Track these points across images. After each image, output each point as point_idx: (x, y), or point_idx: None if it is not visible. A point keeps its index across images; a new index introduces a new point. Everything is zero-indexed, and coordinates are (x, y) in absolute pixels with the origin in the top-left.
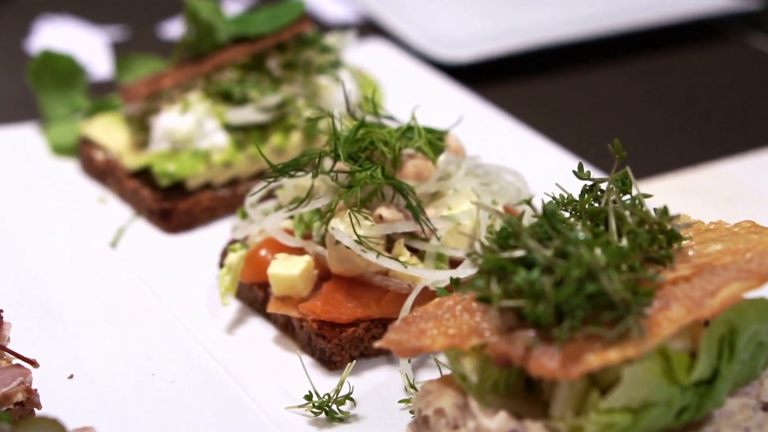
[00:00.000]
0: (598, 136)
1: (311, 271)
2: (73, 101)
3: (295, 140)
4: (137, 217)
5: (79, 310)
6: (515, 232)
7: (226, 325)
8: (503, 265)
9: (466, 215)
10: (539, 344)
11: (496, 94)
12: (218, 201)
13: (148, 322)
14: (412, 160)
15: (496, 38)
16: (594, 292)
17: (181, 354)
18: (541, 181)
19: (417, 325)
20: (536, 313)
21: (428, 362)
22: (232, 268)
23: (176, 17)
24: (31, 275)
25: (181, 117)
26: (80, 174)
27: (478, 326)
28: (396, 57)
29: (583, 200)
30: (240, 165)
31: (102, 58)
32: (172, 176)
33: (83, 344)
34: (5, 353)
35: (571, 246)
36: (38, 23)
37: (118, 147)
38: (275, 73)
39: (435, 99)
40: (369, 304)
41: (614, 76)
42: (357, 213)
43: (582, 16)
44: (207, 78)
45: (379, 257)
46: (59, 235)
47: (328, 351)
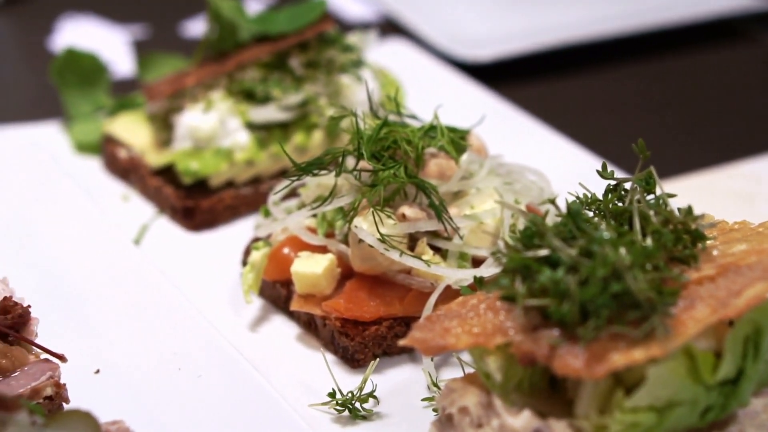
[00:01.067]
0: (619, 135)
1: (334, 270)
2: (96, 99)
3: (317, 139)
4: (160, 214)
5: (105, 306)
6: (540, 231)
7: (249, 322)
8: (528, 264)
9: (489, 214)
10: (564, 343)
11: (516, 94)
12: (240, 199)
13: (173, 317)
14: (434, 159)
15: (516, 38)
16: (619, 292)
17: (207, 349)
18: (563, 180)
19: (441, 324)
20: (561, 312)
21: (451, 360)
22: (255, 265)
23: (197, 16)
24: (57, 271)
25: (204, 115)
26: (103, 172)
27: (503, 325)
28: (416, 56)
29: (607, 200)
30: (262, 163)
31: (124, 56)
32: (195, 174)
33: (109, 339)
34: (34, 348)
35: (596, 245)
36: (61, 22)
37: (142, 145)
38: (297, 72)
39: (455, 98)
40: (392, 303)
41: (635, 75)
42: (380, 212)
43: (602, 15)
44: (230, 77)
45: (402, 256)
46: (84, 232)
47: (351, 349)
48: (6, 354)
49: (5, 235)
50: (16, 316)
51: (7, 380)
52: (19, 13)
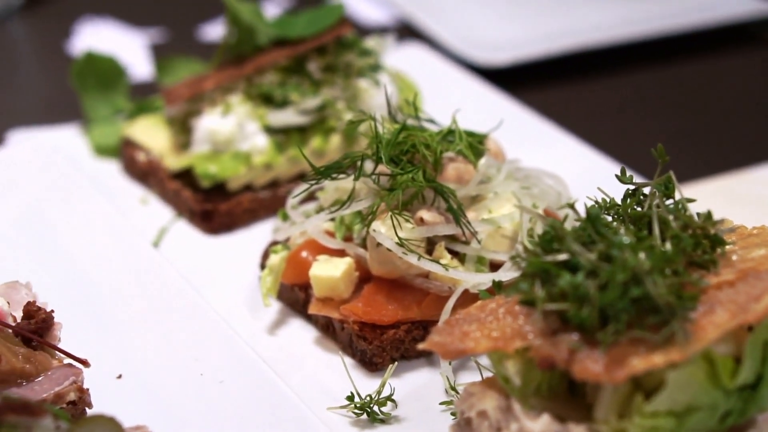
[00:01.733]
0: (635, 139)
1: (352, 273)
2: (115, 102)
3: (335, 143)
4: (178, 218)
5: (126, 310)
6: (559, 235)
7: (267, 325)
8: (547, 268)
9: (507, 218)
10: (583, 347)
11: (533, 98)
12: (258, 202)
13: (195, 322)
14: (452, 164)
15: (532, 42)
16: (639, 296)
17: (228, 354)
18: (580, 184)
19: (460, 328)
20: (581, 316)
21: (468, 364)
22: (273, 269)
23: (215, 20)
24: (78, 275)
25: (222, 119)
26: (122, 175)
27: (522, 329)
28: (433, 60)
29: (626, 204)
30: (280, 167)
31: (142, 59)
32: (213, 178)
33: (131, 344)
34: (57, 353)
35: (616, 250)
36: (80, 25)
37: (160, 148)
38: (315, 76)
39: (472, 102)
40: (410, 306)
41: (652, 79)
42: (398, 215)
43: (619, 20)
44: (248, 80)
45: (420, 260)
46: (104, 235)
47: (369, 352)
48: (30, 359)
49: (27, 238)
50: (40, 320)
51: (31, 385)
52: (38, 17)
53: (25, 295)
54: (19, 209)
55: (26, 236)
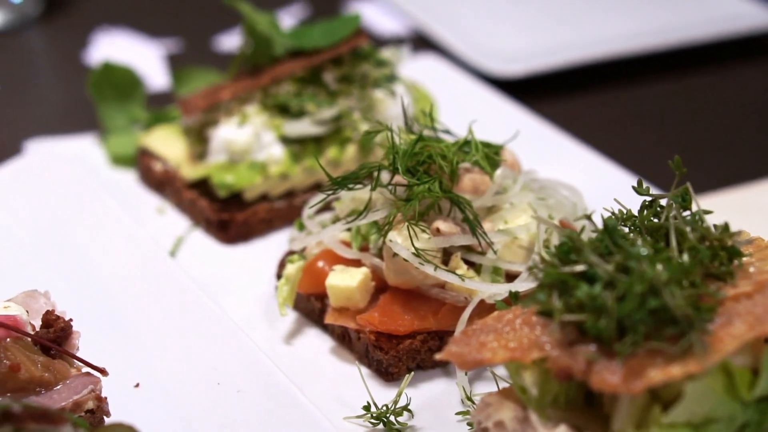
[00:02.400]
0: (651, 151)
1: (368, 283)
2: (131, 112)
3: (351, 153)
4: (195, 227)
5: (144, 319)
6: (576, 246)
7: (284, 335)
8: (565, 279)
9: (523, 229)
10: (601, 358)
11: (547, 109)
12: (274, 212)
13: (212, 331)
14: (469, 174)
15: (547, 53)
16: (657, 308)
17: (245, 363)
18: (595, 195)
19: (477, 338)
20: (598, 327)
21: (484, 375)
22: (290, 279)
23: (230, 30)
24: (95, 284)
25: (239, 129)
26: (138, 184)
27: (539, 340)
28: (447, 70)
29: (643, 216)
30: (296, 177)
31: (157, 69)
32: (230, 187)
33: (148, 353)
34: (75, 361)
35: (633, 261)
36: (96, 35)
37: (177, 158)
38: (331, 87)
39: (487, 113)
40: (426, 317)
41: (666, 90)
42: (415, 226)
43: (634, 32)
44: (264, 91)
45: (436, 270)
46: (121, 244)
47: (385, 362)
48: (48, 367)
49: (44, 247)
50: (59, 329)
51: (50, 393)
52: (54, 27)
53: (43, 303)
54: (37, 218)
55: (44, 245)
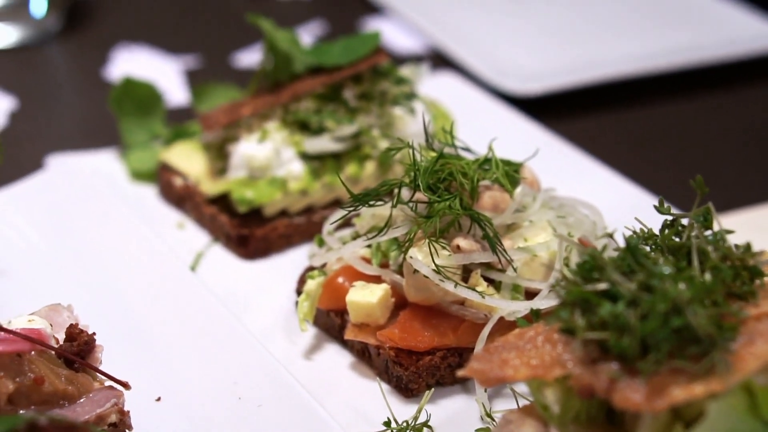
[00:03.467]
0: (668, 170)
1: (388, 299)
2: (152, 128)
3: (370, 170)
4: (215, 242)
5: (165, 334)
6: (599, 264)
7: (303, 350)
8: (588, 297)
9: (542, 247)
10: (623, 376)
11: (564, 127)
12: (294, 228)
13: (233, 346)
14: (488, 192)
15: (563, 72)
16: (680, 327)
17: (266, 378)
18: (613, 214)
19: (499, 355)
20: (621, 345)
21: (503, 391)
22: (310, 294)
23: (248, 47)
24: (117, 298)
25: (259, 145)
26: (158, 199)
27: (561, 357)
28: (465, 88)
29: (665, 235)
30: (315, 193)
31: (176, 85)
32: (250, 203)
33: (170, 367)
34: (98, 375)
35: (656, 280)
36: (115, 51)
37: (197, 173)
38: (351, 104)
39: (504, 131)
40: (445, 333)
41: (683, 110)
42: (435, 243)
43: (651, 52)
44: (284, 107)
45: (457, 287)
46: (142, 258)
47: (405, 378)
48: (72, 381)
49: (67, 261)
50: (82, 343)
51: (73, 407)
52: (74, 43)
53: (66, 317)
54: (59, 232)
55: (66, 259)
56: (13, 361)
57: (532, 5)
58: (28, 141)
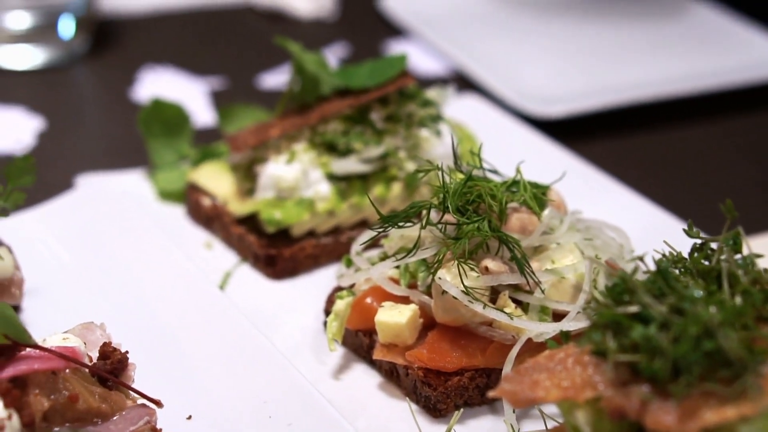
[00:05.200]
0: (693, 192)
1: (417, 320)
2: (179, 148)
3: (396, 191)
4: (243, 262)
5: (195, 352)
6: (630, 287)
7: (332, 370)
8: (619, 319)
9: (570, 269)
10: (655, 399)
11: (587, 150)
12: (321, 248)
13: (263, 365)
14: (516, 214)
15: (586, 95)
16: (711, 350)
17: (296, 397)
18: (640, 236)
19: (530, 377)
20: (653, 368)
21: (531, 413)
22: (339, 314)
23: (272, 69)
24: (148, 316)
25: (287, 166)
26: (186, 219)
27: (591, 379)
28: (489, 111)
29: (694, 258)
30: (342, 214)
31: (202, 106)
32: (278, 223)
33: (200, 385)
34: (131, 393)
35: (687, 303)
36: (141, 73)
37: (225, 194)
38: (378, 126)
39: (529, 153)
40: (474, 354)
41: (708, 132)
42: (463, 264)
43: (676, 74)
44: (312, 129)
45: (485, 308)
46: (172, 278)
47: (434, 399)
48: (106, 398)
49: (98, 280)
50: (116, 361)
51: (107, 424)
52: (101, 64)
53: (99, 335)
54: (90, 252)
55: (97, 278)
56: (49, 379)
57: (554, 28)
58: (57, 161)
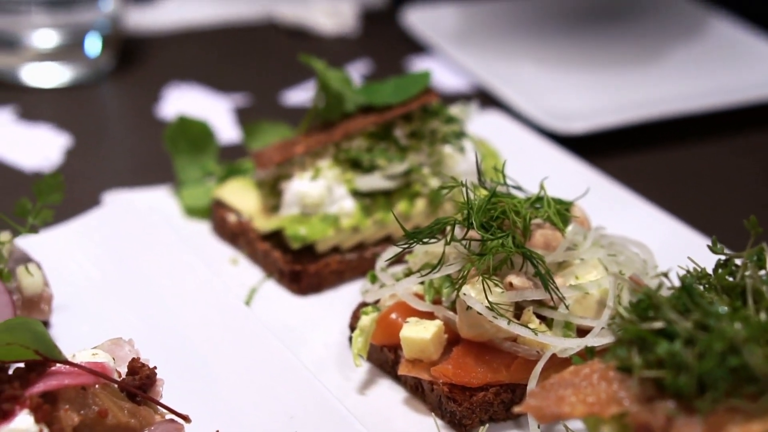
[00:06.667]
0: (716, 208)
1: (442, 335)
2: (205, 165)
3: (420, 207)
4: (268, 278)
5: (222, 367)
6: (655, 303)
7: (357, 385)
8: (644, 335)
9: (594, 285)
10: (681, 414)
11: (610, 166)
12: (345, 264)
13: (289, 380)
14: (540, 230)
15: (608, 112)
16: (736, 366)
17: (323, 413)
18: (663, 253)
19: (556, 392)
20: (678, 384)
21: (556, 428)
22: (364, 330)
23: (295, 86)
24: (175, 332)
25: (312, 183)
26: (212, 235)
27: (617, 395)
28: (511, 127)
29: (719, 275)
30: (367, 230)
31: (226, 123)
32: (303, 239)
33: (227, 400)
34: (160, 408)
35: (713, 319)
36: (167, 90)
37: (250, 210)
38: (402, 142)
39: (552, 169)
40: (499, 369)
41: (730, 148)
42: (488, 280)
43: (700, 90)
44: (336, 146)
45: (510, 324)
46: (198, 293)
47: (459, 414)
48: (134, 413)
49: (125, 296)
50: (144, 377)
51: None
52: (126, 81)
53: (128, 351)
54: (117, 268)
55: (125, 293)
56: (78, 394)
57: (576, 45)
58: (84, 178)
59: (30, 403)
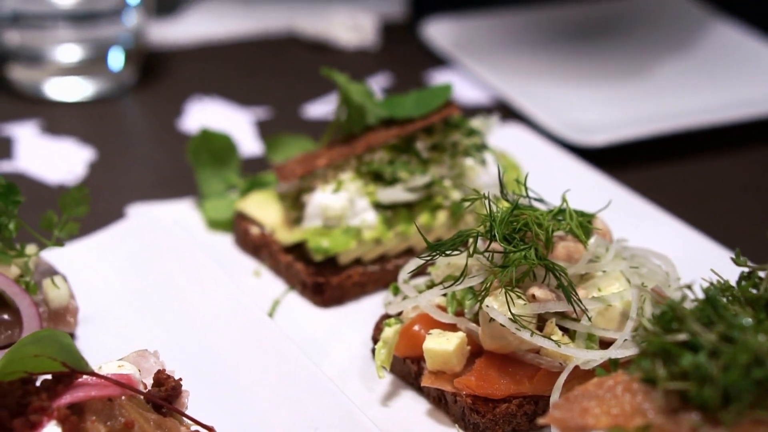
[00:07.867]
0: (738, 221)
1: (464, 347)
2: (227, 178)
3: (441, 219)
4: (290, 290)
5: (247, 379)
6: (679, 315)
7: (380, 396)
8: (668, 347)
9: (616, 297)
10: (705, 426)
11: (630, 178)
12: (368, 276)
13: (313, 391)
14: (562, 242)
15: (629, 124)
16: (761, 377)
17: (347, 424)
18: (684, 264)
19: (579, 404)
20: (703, 395)
21: None
22: (387, 341)
23: (316, 99)
24: (199, 344)
25: (334, 195)
26: (234, 247)
27: (641, 407)
28: (532, 140)
29: (742, 287)
30: (389, 242)
31: (248, 136)
32: (326, 252)
33: (252, 412)
34: (185, 419)
35: (737, 331)
36: (189, 104)
37: (273, 223)
38: (423, 155)
39: (573, 182)
40: (522, 381)
41: (752, 160)
42: (511, 292)
43: (721, 103)
44: (358, 158)
45: (533, 336)
46: (222, 305)
47: (482, 426)
48: (160, 425)
49: (150, 308)
50: (170, 388)
51: None
52: (149, 95)
53: (153, 363)
54: (141, 280)
55: (149, 305)
56: (105, 406)
57: (595, 56)
58: (108, 191)
59: (57, 415)
